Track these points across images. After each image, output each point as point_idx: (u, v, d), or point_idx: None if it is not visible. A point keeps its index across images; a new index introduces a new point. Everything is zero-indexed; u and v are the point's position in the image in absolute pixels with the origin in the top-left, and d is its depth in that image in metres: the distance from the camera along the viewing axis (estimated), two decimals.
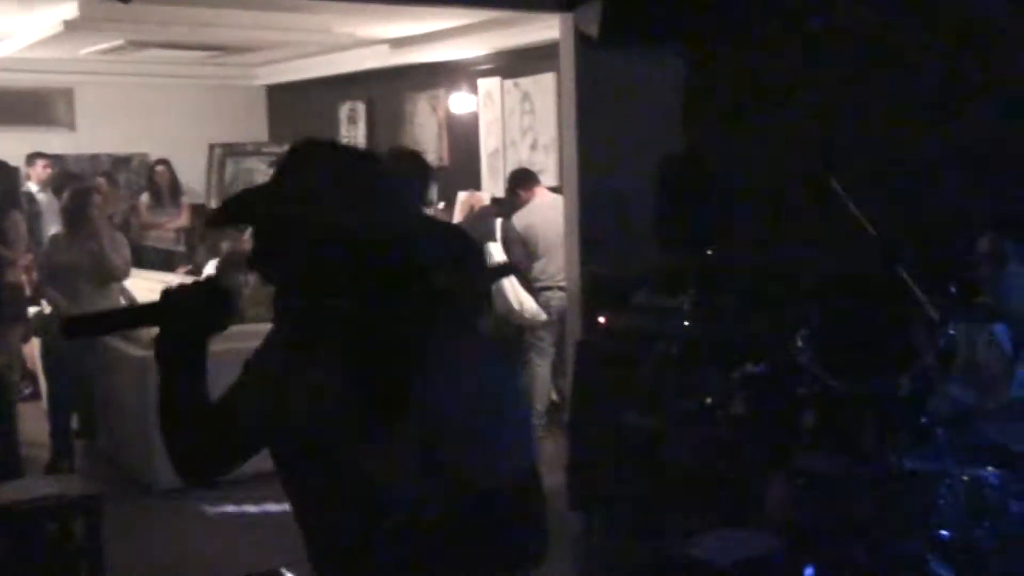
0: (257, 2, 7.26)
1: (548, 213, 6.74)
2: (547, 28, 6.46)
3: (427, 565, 1.72)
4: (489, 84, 9.21)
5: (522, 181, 7.22)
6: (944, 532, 3.26)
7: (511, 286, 6.53)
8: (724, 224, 6.07)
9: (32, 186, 9.28)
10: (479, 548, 1.70)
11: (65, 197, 6.72)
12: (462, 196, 8.58)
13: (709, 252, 5.84)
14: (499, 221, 6.97)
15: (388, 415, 1.68)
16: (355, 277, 1.72)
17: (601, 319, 4.98)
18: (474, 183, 9.12)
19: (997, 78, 4.98)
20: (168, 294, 1.84)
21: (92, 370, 6.39)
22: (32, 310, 7.10)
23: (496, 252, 6.68)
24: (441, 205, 8.24)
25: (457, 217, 8.18)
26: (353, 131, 10.89)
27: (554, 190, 7.07)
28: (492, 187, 9.04)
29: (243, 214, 1.83)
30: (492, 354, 1.86)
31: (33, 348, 7.16)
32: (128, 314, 1.91)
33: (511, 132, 9.03)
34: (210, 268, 8.50)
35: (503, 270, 6.17)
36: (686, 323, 4.13)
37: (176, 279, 8.70)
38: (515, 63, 8.80)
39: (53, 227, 7.68)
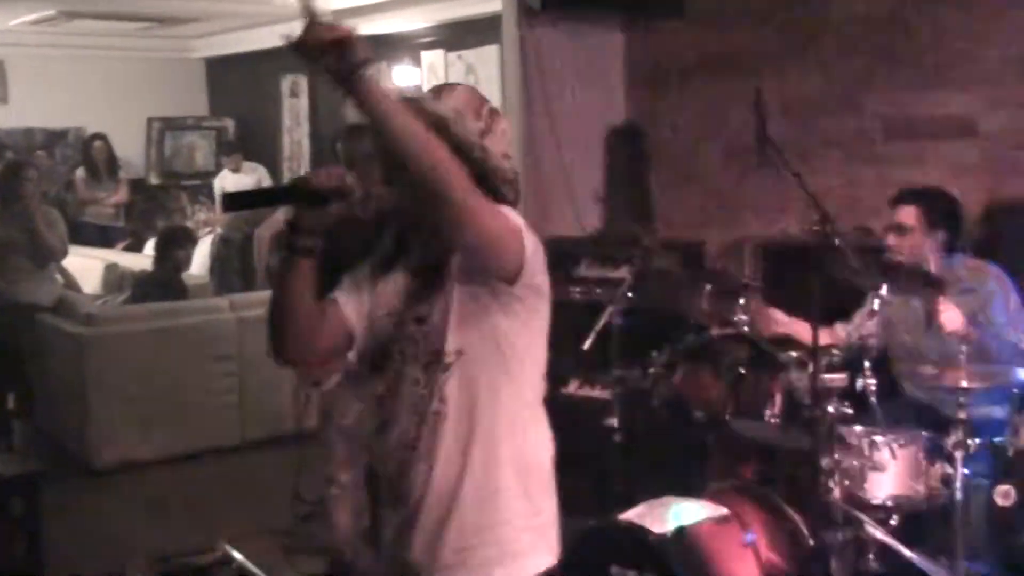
0: None
1: None
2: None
3: None
4: (432, 57, 9.14)
5: None
6: (880, 496, 3.32)
7: None
8: (668, 195, 6.11)
9: None
10: None
11: None
12: None
13: (652, 223, 5.88)
14: None
15: None
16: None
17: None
18: None
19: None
20: (307, 177, 1.91)
21: (28, 348, 6.28)
22: None
23: None
24: None
25: None
26: (296, 105, 10.75)
27: None
28: None
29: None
30: None
31: None
32: (279, 192, 2.01)
33: None
34: (151, 246, 8.37)
35: None
36: (629, 294, 4.14)
37: (114, 256, 8.58)
38: (458, 35, 8.74)
39: None
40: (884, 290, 3.47)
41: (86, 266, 8.03)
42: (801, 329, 3.78)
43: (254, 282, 7.12)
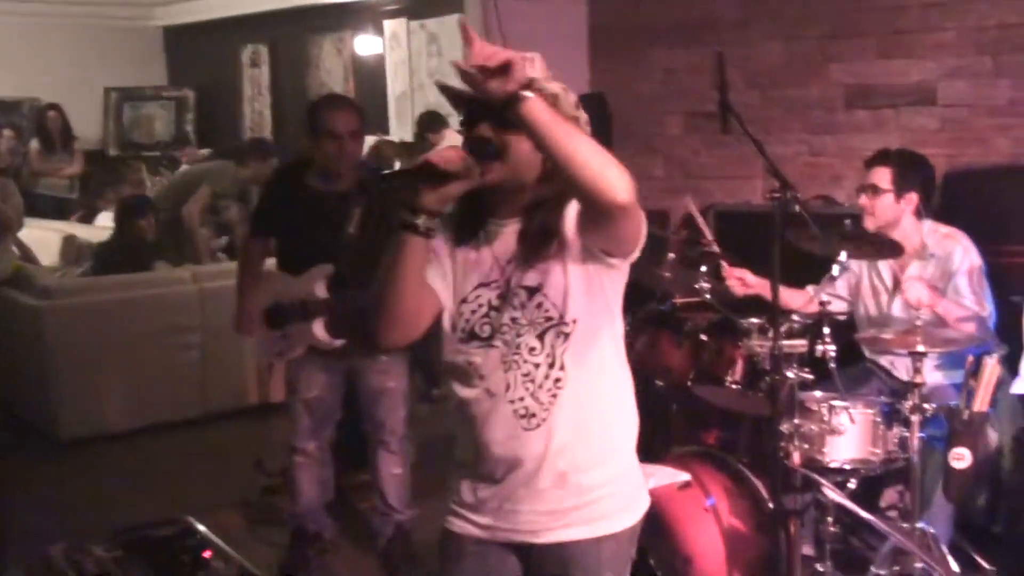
0: None
1: None
2: None
3: None
4: (395, 25, 9.07)
5: (430, 125, 7.14)
6: (839, 460, 3.36)
7: None
8: (631, 164, 6.11)
9: None
10: None
11: None
12: (370, 141, 8.46)
13: None
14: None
15: None
16: None
17: None
18: (382, 127, 9.00)
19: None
20: (433, 159, 1.93)
21: None
22: None
23: None
24: None
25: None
26: (256, 75, 10.64)
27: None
28: (400, 131, 8.93)
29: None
30: None
31: None
32: (407, 174, 2.01)
33: (419, 75, 8.91)
34: (104, 217, 8.27)
35: None
36: None
37: (72, 227, 8.46)
38: (421, 4, 8.67)
39: None
40: (844, 256, 3.49)
41: (43, 238, 7.91)
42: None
43: (187, 258, 7.06)
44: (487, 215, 2.07)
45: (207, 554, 2.47)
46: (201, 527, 2.64)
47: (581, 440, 2.06)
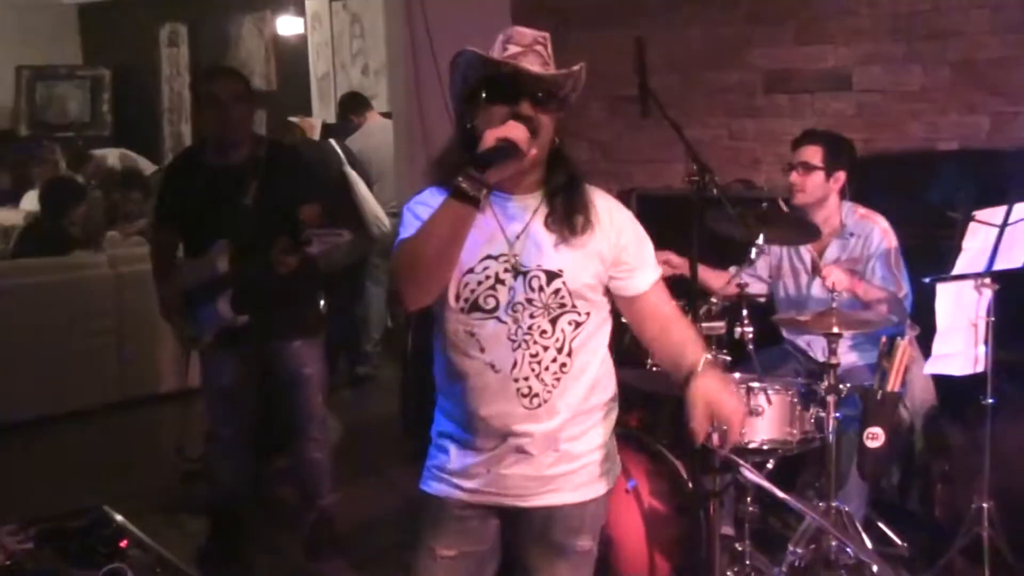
0: None
1: (380, 138, 6.63)
2: None
3: None
4: (317, 5, 8.96)
5: (354, 106, 7.08)
6: (757, 440, 3.41)
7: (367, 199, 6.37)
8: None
9: None
10: None
11: None
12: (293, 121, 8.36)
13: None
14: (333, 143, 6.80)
15: None
16: None
17: None
18: (304, 108, 8.89)
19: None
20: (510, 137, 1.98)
21: None
22: None
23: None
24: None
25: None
26: (175, 55, 10.43)
27: (386, 115, 6.95)
28: (323, 112, 8.84)
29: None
30: None
31: None
32: (500, 151, 2.01)
33: (341, 56, 8.82)
34: (30, 200, 8.03)
35: None
36: None
37: None
38: None
39: None
40: (761, 240, 3.54)
41: None
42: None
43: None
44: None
45: (123, 543, 2.42)
46: (118, 516, 2.59)
47: (574, 416, 2.17)
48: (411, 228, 2.07)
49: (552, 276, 2.09)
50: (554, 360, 2.11)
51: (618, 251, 2.16)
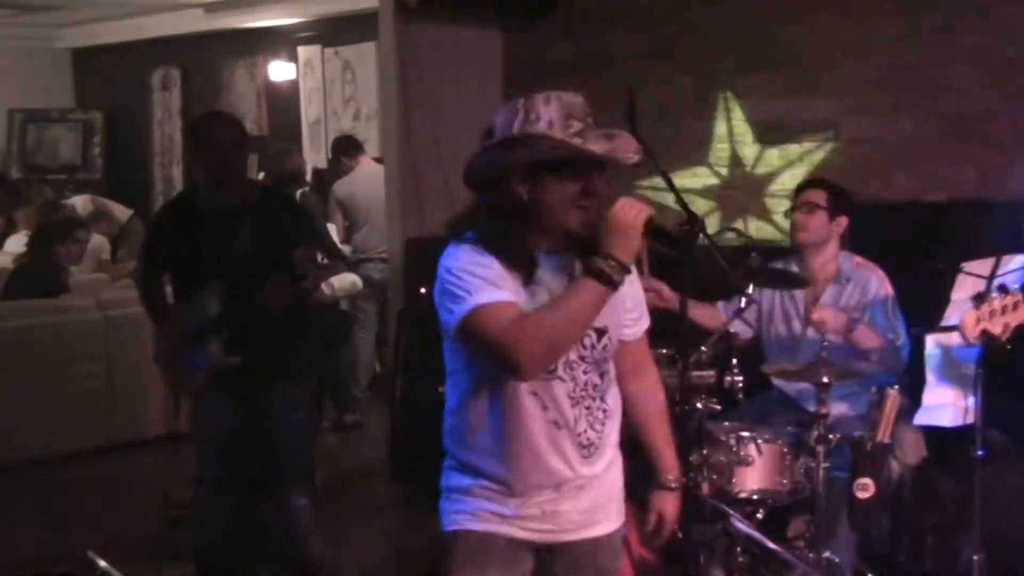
0: None
1: (371, 183, 6.65)
2: None
3: None
4: (309, 52, 9.03)
5: (346, 149, 7.11)
6: (747, 490, 3.40)
7: None
8: None
9: None
10: None
11: None
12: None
13: None
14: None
15: None
16: None
17: (423, 289, 4.95)
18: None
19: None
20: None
21: None
22: None
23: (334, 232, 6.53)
24: (261, 176, 8.02)
25: None
26: (167, 98, 10.47)
27: (379, 160, 6.99)
28: (314, 158, 8.87)
29: None
30: None
31: None
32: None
33: (333, 102, 8.87)
34: (14, 243, 8.01)
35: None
36: None
37: None
38: (336, 31, 8.65)
39: None
40: (751, 289, 3.56)
41: None
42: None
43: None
44: (531, 248, 2.19)
45: None
46: (102, 562, 2.57)
47: (614, 465, 2.37)
48: (484, 292, 2.11)
49: (601, 333, 2.23)
50: (600, 408, 2.27)
51: (633, 300, 2.33)
